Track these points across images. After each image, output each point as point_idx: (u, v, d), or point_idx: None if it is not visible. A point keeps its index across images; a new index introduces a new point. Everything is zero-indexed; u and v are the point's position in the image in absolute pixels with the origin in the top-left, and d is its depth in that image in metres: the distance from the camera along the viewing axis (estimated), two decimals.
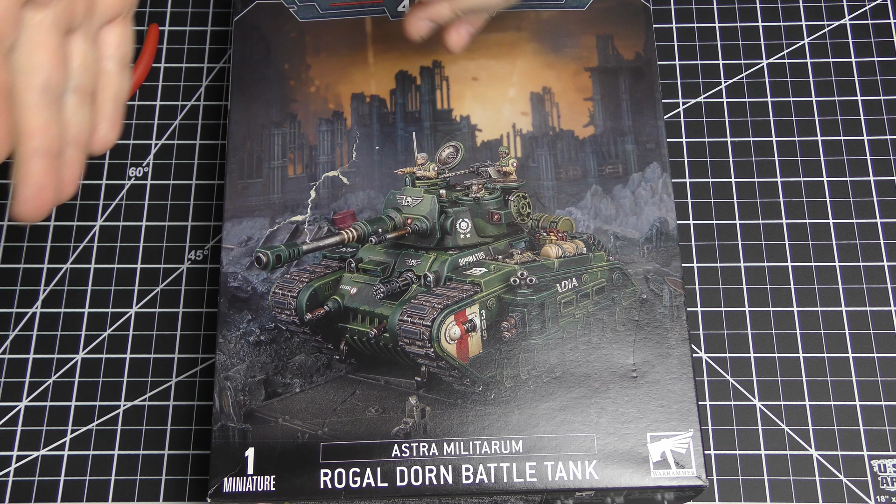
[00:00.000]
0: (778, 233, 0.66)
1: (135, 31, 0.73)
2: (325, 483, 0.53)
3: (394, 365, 0.56)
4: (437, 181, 0.60)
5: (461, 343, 0.55)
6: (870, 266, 0.65)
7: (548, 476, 0.53)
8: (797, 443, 0.61)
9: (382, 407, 0.55)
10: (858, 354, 0.63)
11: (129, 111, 0.70)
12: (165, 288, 0.66)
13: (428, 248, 0.59)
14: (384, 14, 0.64)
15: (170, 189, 0.68)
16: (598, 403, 0.55)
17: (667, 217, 0.59)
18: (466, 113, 0.62)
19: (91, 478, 0.61)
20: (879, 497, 0.60)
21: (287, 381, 0.56)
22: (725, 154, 0.68)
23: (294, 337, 0.57)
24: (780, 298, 0.64)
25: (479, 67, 0.63)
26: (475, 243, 0.59)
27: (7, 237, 0.67)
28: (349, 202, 0.60)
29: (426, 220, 0.59)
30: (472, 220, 0.59)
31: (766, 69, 0.70)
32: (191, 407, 0.63)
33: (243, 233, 0.59)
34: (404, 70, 0.63)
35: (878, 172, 0.67)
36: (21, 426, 0.62)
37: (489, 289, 0.57)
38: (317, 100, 0.63)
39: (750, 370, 0.63)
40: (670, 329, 0.56)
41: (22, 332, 0.65)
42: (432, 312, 0.55)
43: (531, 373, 0.55)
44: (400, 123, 0.62)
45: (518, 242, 0.59)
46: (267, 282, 0.58)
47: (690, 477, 0.53)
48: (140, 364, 0.64)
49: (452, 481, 0.53)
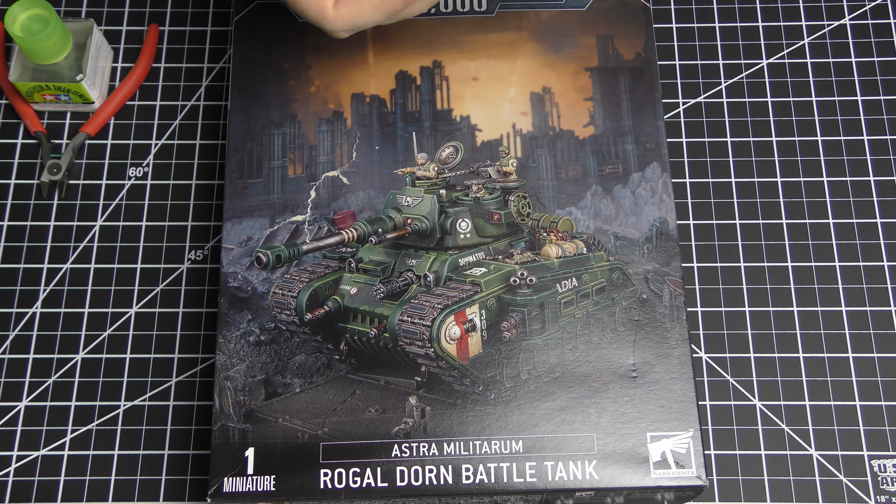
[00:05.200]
0: (778, 233, 0.66)
1: (135, 31, 0.74)
2: (325, 483, 0.53)
3: (394, 365, 0.56)
4: (437, 181, 0.60)
5: (461, 343, 0.55)
6: (870, 266, 0.65)
7: (548, 476, 0.53)
8: (797, 443, 0.61)
9: (382, 407, 0.55)
10: (858, 354, 0.63)
11: (129, 111, 0.71)
12: (165, 288, 0.66)
13: (428, 248, 0.59)
14: None
15: (170, 189, 0.68)
16: (598, 403, 0.55)
17: (667, 217, 0.59)
18: (466, 113, 0.62)
19: (91, 478, 0.61)
20: (879, 497, 0.60)
21: (287, 381, 0.56)
22: (725, 154, 0.68)
23: (294, 337, 0.57)
24: (780, 298, 0.64)
25: (479, 67, 0.63)
26: (475, 243, 0.59)
27: (7, 237, 0.67)
28: (349, 202, 0.60)
29: (426, 220, 0.59)
30: (472, 220, 0.59)
31: (766, 69, 0.70)
32: (191, 407, 0.63)
33: (243, 233, 0.59)
34: (404, 70, 0.63)
35: (878, 172, 0.67)
36: (21, 426, 0.62)
37: (489, 289, 0.57)
38: (317, 100, 0.63)
39: (750, 370, 0.63)
40: (670, 329, 0.56)
41: (22, 332, 0.65)
42: (432, 312, 0.55)
43: (531, 373, 0.55)
44: (400, 123, 0.62)
45: (518, 242, 0.59)
46: (267, 282, 0.58)
47: (690, 477, 0.53)
48: (140, 364, 0.64)
49: (452, 481, 0.53)
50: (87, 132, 0.69)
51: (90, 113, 0.70)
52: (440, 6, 0.64)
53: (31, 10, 0.65)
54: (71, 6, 0.73)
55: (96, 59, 0.69)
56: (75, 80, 0.67)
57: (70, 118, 0.70)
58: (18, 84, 0.67)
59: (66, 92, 0.68)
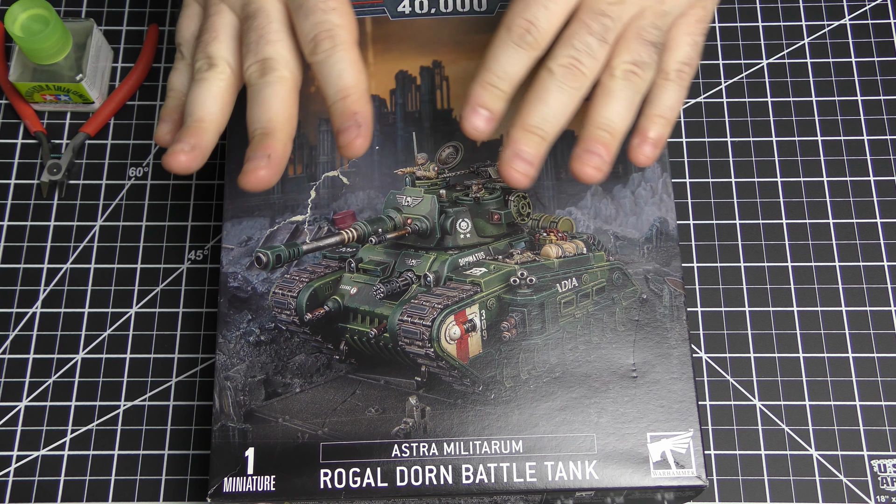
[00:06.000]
0: (778, 233, 0.66)
1: (135, 31, 0.74)
2: (325, 483, 0.53)
3: (394, 365, 0.56)
4: (437, 181, 0.60)
5: (461, 343, 0.55)
6: (870, 266, 0.65)
7: (548, 476, 0.53)
8: (797, 443, 0.61)
9: (382, 407, 0.55)
10: (858, 354, 0.63)
11: (129, 111, 0.71)
12: (165, 288, 0.66)
13: (428, 248, 0.59)
14: (384, 14, 0.64)
15: (170, 189, 0.68)
16: (598, 403, 0.55)
17: (667, 217, 0.59)
18: None
19: (91, 478, 0.61)
20: (879, 497, 0.60)
21: (287, 381, 0.56)
22: (725, 154, 0.68)
23: (294, 337, 0.57)
24: (780, 298, 0.64)
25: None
26: (475, 243, 0.59)
27: (7, 237, 0.67)
28: (349, 202, 0.60)
29: (426, 220, 0.59)
30: (472, 220, 0.59)
31: (766, 69, 0.70)
32: (191, 407, 0.63)
33: (243, 233, 0.59)
34: (404, 70, 0.63)
35: (878, 172, 0.67)
36: (21, 426, 0.62)
37: (489, 289, 0.57)
38: (316, 100, 0.63)
39: (750, 370, 0.63)
40: (670, 329, 0.56)
41: (22, 332, 0.65)
42: (432, 312, 0.55)
43: (531, 373, 0.55)
44: (400, 123, 0.62)
45: (518, 242, 0.59)
46: (267, 282, 0.58)
47: (690, 477, 0.53)
48: (140, 364, 0.64)
49: (452, 481, 0.53)
50: (87, 132, 0.69)
51: (90, 113, 0.70)
52: (440, 6, 0.64)
53: (31, 10, 0.65)
54: (71, 6, 0.73)
55: (96, 59, 0.69)
56: (75, 80, 0.67)
57: (70, 118, 0.70)
58: (18, 84, 0.67)
59: (66, 92, 0.68)
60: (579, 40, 0.51)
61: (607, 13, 0.51)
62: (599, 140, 0.52)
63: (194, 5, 0.58)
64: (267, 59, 0.53)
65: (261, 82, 0.53)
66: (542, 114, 0.51)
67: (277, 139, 0.52)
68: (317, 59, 0.52)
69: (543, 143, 0.51)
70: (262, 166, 0.51)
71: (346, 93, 0.52)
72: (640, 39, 0.52)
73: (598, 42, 0.51)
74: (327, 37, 0.52)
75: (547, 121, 0.51)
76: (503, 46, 0.51)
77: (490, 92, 0.51)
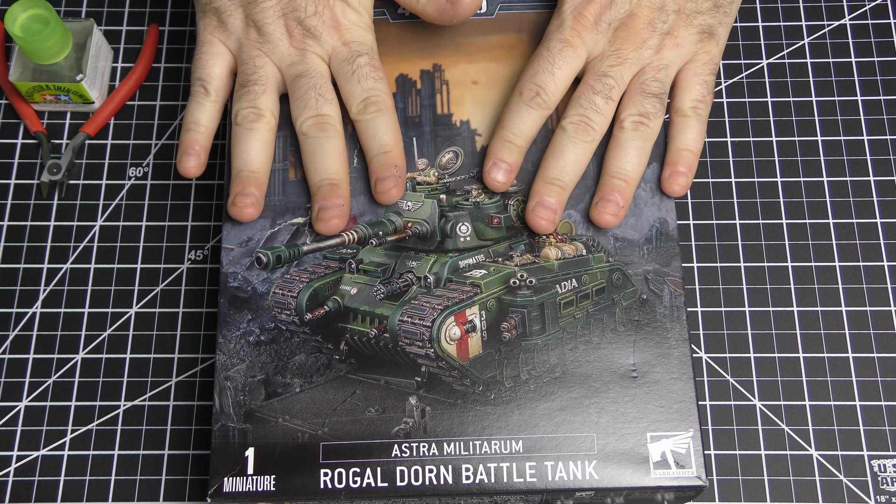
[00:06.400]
0: (778, 233, 0.66)
1: (135, 31, 0.74)
2: (325, 483, 0.53)
3: (394, 365, 0.56)
4: (438, 186, 0.60)
5: (461, 343, 0.56)
6: (870, 266, 0.65)
7: (548, 476, 0.53)
8: (797, 443, 0.61)
9: (382, 407, 0.55)
10: (858, 354, 0.63)
11: (129, 111, 0.71)
12: (165, 288, 0.66)
13: (428, 250, 0.59)
14: (384, 17, 0.64)
15: (170, 189, 0.68)
16: (598, 403, 0.55)
17: (667, 217, 0.59)
18: (466, 117, 0.61)
19: (91, 478, 0.61)
20: (879, 497, 0.60)
21: (287, 381, 0.56)
22: (725, 154, 0.68)
23: (294, 337, 0.57)
24: (780, 298, 0.64)
25: (479, 70, 0.62)
26: (475, 246, 0.59)
27: (7, 237, 0.67)
28: (350, 206, 0.60)
29: (426, 224, 0.59)
30: (471, 223, 0.59)
31: (766, 69, 0.70)
32: (191, 407, 0.63)
33: (243, 233, 0.59)
34: (404, 73, 0.63)
35: (878, 172, 0.67)
36: (21, 426, 0.63)
37: (489, 290, 0.57)
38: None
39: (750, 370, 0.63)
40: (670, 329, 0.56)
41: (22, 332, 0.65)
42: (432, 313, 0.55)
43: (531, 373, 0.55)
44: (400, 128, 0.61)
45: (518, 245, 0.59)
46: (267, 282, 0.58)
47: (690, 477, 0.53)
48: (140, 364, 0.64)
49: (452, 481, 0.53)
50: (87, 132, 0.69)
51: (90, 113, 0.70)
52: None
53: (31, 10, 0.65)
54: (71, 6, 0.73)
55: (96, 59, 0.69)
56: (75, 80, 0.67)
57: (70, 118, 0.70)
58: (18, 84, 0.67)
59: (66, 92, 0.68)
60: (586, 99, 0.58)
61: (609, 74, 0.58)
62: (615, 188, 0.58)
63: (218, 45, 0.61)
64: (324, 116, 0.59)
65: (321, 136, 0.59)
66: (559, 166, 0.58)
67: (343, 188, 0.58)
68: (364, 119, 0.59)
69: (564, 192, 0.58)
70: (338, 215, 0.58)
71: (387, 149, 0.59)
72: (643, 93, 0.59)
73: (603, 100, 0.58)
74: (375, 101, 0.59)
75: (565, 172, 0.58)
76: (516, 108, 0.59)
77: (507, 147, 0.58)
